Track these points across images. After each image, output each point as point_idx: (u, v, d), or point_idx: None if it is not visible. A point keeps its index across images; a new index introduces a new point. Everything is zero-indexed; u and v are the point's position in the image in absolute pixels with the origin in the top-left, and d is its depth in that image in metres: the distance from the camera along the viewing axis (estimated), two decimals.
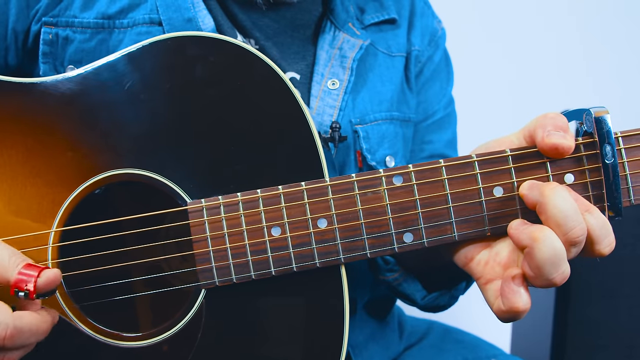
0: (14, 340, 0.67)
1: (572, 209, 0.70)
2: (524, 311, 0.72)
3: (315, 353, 0.80)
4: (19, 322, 0.67)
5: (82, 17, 0.94)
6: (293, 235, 0.77)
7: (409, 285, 1.02)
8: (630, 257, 1.40)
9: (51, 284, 0.70)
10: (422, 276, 1.03)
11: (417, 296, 1.02)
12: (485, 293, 0.77)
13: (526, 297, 0.72)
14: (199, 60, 0.79)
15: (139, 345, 0.79)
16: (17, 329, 0.67)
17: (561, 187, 0.72)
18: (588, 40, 2.06)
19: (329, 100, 1.00)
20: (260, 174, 0.79)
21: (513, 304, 0.72)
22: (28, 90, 0.80)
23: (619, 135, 0.77)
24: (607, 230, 0.72)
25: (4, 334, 0.66)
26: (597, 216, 0.72)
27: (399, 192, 0.78)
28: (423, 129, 1.15)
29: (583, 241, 0.71)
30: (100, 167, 0.79)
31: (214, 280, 0.78)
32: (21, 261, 0.70)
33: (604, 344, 1.43)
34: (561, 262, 0.69)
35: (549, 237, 0.69)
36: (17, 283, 0.68)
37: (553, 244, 0.69)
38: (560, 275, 0.70)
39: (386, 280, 1.03)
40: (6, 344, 0.66)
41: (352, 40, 1.04)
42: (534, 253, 0.69)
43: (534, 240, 0.69)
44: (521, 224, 0.73)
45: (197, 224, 0.78)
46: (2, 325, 0.66)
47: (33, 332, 0.69)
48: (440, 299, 1.02)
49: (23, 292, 0.68)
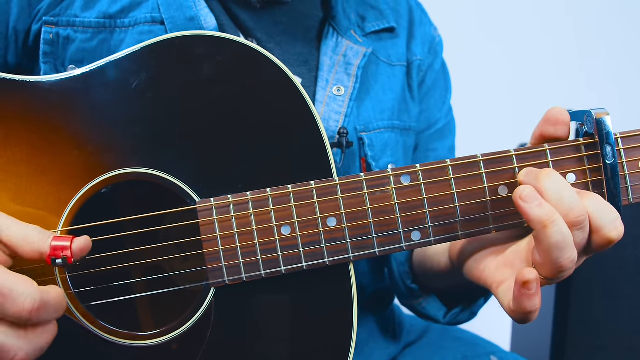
0: (40, 313, 0.67)
1: (568, 190, 0.72)
2: (532, 311, 0.73)
3: (324, 350, 0.80)
4: (46, 296, 0.68)
5: (83, 16, 0.94)
6: (303, 234, 0.78)
7: (432, 306, 1.05)
8: (630, 257, 1.42)
9: (84, 250, 0.73)
10: (442, 294, 1.06)
11: (440, 315, 1.05)
12: (498, 296, 0.78)
13: (536, 299, 0.72)
14: (207, 59, 0.80)
15: (149, 344, 0.78)
16: (44, 301, 0.67)
17: (556, 172, 0.74)
18: (586, 42, 2.09)
19: (335, 106, 1.00)
20: (269, 173, 0.79)
21: (521, 304, 0.73)
22: (33, 88, 0.79)
23: (619, 136, 0.79)
24: (609, 214, 0.73)
25: (31, 306, 0.66)
26: (595, 200, 0.73)
27: (407, 191, 0.79)
28: (426, 138, 1.17)
29: (585, 223, 0.71)
30: (107, 166, 0.79)
31: (224, 279, 0.78)
32: (50, 234, 0.73)
33: (604, 344, 1.45)
34: (568, 246, 0.70)
35: (557, 222, 0.70)
36: (53, 252, 0.71)
37: (561, 229, 0.70)
38: (568, 260, 0.71)
39: (411, 305, 1.07)
40: (33, 316, 0.66)
41: (355, 47, 1.05)
42: (542, 238, 0.70)
43: (543, 227, 0.70)
44: (531, 197, 0.72)
45: (206, 223, 0.78)
46: (29, 297, 0.66)
47: (57, 307, 0.69)
48: (461, 315, 1.04)
49: (61, 259, 0.71)
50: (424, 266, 1.01)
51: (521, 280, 0.71)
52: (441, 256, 0.94)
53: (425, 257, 1.01)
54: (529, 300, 0.72)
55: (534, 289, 0.71)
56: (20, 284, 0.66)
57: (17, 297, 0.66)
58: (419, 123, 1.15)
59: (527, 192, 0.72)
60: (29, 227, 0.72)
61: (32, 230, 0.72)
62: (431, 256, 0.98)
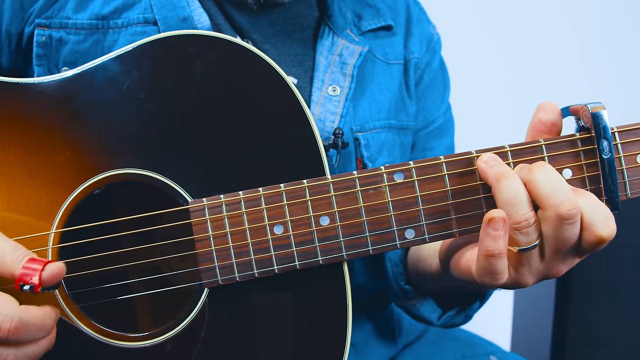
0: (18, 333, 0.66)
1: (560, 182, 0.71)
2: (495, 254, 0.71)
3: (319, 350, 0.80)
4: (25, 315, 0.66)
5: (75, 18, 0.93)
6: (295, 233, 0.78)
7: (426, 307, 1.04)
8: (629, 258, 1.41)
9: (56, 277, 0.69)
10: (437, 296, 1.05)
11: (434, 317, 1.03)
12: (472, 269, 0.77)
13: (500, 243, 0.71)
14: (199, 58, 0.79)
15: (143, 346, 0.78)
16: (22, 321, 0.66)
17: (549, 165, 0.73)
18: (584, 40, 2.09)
19: (330, 106, 1.00)
20: (261, 172, 0.79)
21: (484, 245, 0.71)
22: (25, 90, 0.79)
23: (615, 130, 0.78)
24: (601, 211, 0.72)
25: (8, 326, 0.65)
26: (589, 197, 0.73)
27: (400, 188, 0.78)
28: (424, 136, 1.16)
29: (577, 218, 0.70)
30: (99, 167, 0.79)
31: (217, 279, 0.78)
32: (25, 255, 0.69)
33: (603, 344, 1.44)
34: (521, 202, 0.71)
35: (511, 177, 0.72)
36: (22, 277, 0.68)
37: (515, 184, 0.71)
38: (522, 216, 0.71)
39: (405, 306, 1.05)
40: (10, 336, 0.66)
41: (351, 46, 1.04)
42: (497, 195, 0.72)
43: (497, 180, 0.72)
44: (492, 159, 0.75)
45: (199, 223, 0.77)
46: (7, 317, 0.65)
47: (38, 326, 0.68)
48: (456, 318, 1.03)
49: (28, 286, 0.67)
50: (417, 267, 1.00)
51: (487, 219, 0.71)
52: (432, 259, 0.93)
53: (419, 258, 1.00)
54: (493, 241, 0.71)
55: (499, 229, 0.70)
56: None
57: None
58: (417, 122, 1.14)
59: (489, 155, 0.76)
60: (7, 245, 0.70)
61: (9, 249, 0.69)
62: (424, 258, 0.97)
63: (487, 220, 0.71)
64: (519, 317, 1.74)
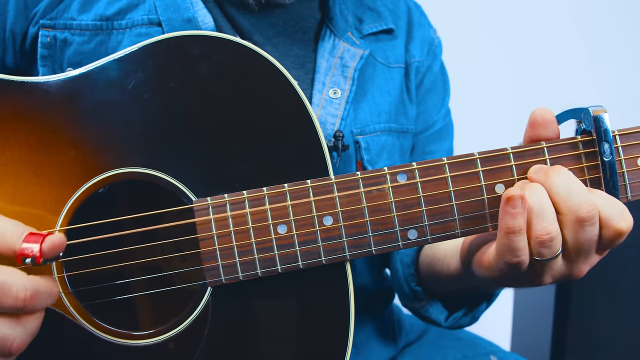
0: (34, 301, 0.67)
1: (577, 185, 0.72)
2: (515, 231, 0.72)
3: (322, 350, 0.80)
4: (36, 284, 0.67)
5: (80, 19, 0.94)
6: (299, 233, 0.78)
7: (434, 309, 1.04)
8: (630, 258, 1.42)
9: (56, 249, 0.70)
10: (444, 298, 1.05)
11: (441, 318, 1.04)
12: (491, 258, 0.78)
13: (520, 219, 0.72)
14: (203, 59, 0.80)
15: (146, 344, 0.78)
16: (35, 289, 0.67)
17: (565, 169, 0.74)
18: (587, 40, 2.09)
19: (331, 109, 1.00)
20: (265, 172, 0.79)
21: (503, 223, 0.73)
22: (31, 89, 0.80)
23: (616, 133, 0.79)
24: (616, 205, 0.73)
25: (23, 295, 0.66)
26: (599, 194, 0.74)
27: (403, 189, 0.79)
28: (424, 139, 1.16)
29: (596, 218, 0.72)
30: (104, 166, 0.79)
31: (221, 278, 0.78)
32: (24, 230, 0.70)
33: (604, 344, 1.45)
34: (547, 215, 0.72)
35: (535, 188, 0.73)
36: (22, 251, 0.68)
37: (541, 195, 0.72)
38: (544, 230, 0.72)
39: (414, 307, 1.06)
40: (27, 305, 0.67)
41: (352, 49, 1.04)
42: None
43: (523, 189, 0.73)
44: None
45: (203, 222, 0.78)
46: (21, 287, 0.66)
47: (49, 293, 0.69)
48: (463, 319, 1.03)
49: (30, 259, 0.68)
50: (431, 269, 1.00)
51: (505, 197, 0.72)
52: (451, 259, 0.93)
53: (435, 259, 1.00)
54: (512, 218, 0.72)
55: (517, 207, 0.71)
56: (9, 275, 0.67)
57: (10, 289, 0.66)
58: (416, 125, 1.14)
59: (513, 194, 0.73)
60: (7, 222, 0.70)
61: (8, 226, 0.70)
62: (440, 259, 0.98)
63: (506, 199, 0.72)
64: (519, 317, 1.74)
